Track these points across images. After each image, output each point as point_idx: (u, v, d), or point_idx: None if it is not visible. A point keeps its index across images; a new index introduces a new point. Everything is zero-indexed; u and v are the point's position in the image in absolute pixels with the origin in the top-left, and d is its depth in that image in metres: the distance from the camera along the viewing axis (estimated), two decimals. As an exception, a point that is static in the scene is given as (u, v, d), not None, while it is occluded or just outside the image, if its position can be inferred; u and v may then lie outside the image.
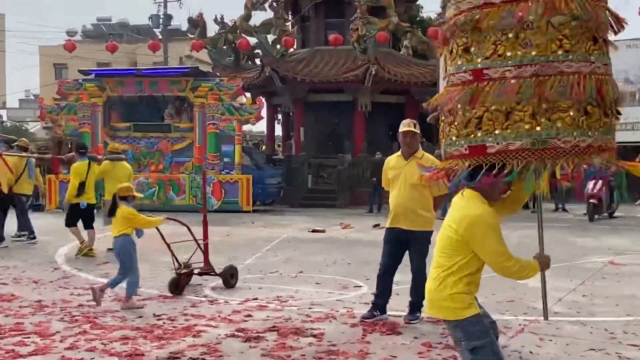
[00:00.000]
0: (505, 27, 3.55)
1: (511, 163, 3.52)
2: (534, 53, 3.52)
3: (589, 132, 3.53)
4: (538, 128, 3.49)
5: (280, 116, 28.13)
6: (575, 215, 17.41)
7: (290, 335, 5.68)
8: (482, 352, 3.49)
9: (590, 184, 15.79)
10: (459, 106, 3.67)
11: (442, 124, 3.93)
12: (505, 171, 3.51)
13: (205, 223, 8.32)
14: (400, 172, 6.20)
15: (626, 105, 16.18)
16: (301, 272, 8.97)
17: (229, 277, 7.90)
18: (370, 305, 6.39)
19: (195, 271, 7.87)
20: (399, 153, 6.36)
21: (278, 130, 30.24)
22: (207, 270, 7.94)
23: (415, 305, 6.24)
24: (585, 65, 3.55)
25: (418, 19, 32.07)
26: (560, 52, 3.52)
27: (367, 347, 5.37)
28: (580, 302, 7.04)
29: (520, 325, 6.08)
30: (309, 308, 6.75)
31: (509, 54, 3.55)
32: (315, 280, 8.35)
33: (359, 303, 6.95)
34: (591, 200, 15.84)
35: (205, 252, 8.03)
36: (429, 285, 3.69)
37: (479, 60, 3.64)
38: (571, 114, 3.50)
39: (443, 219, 3.78)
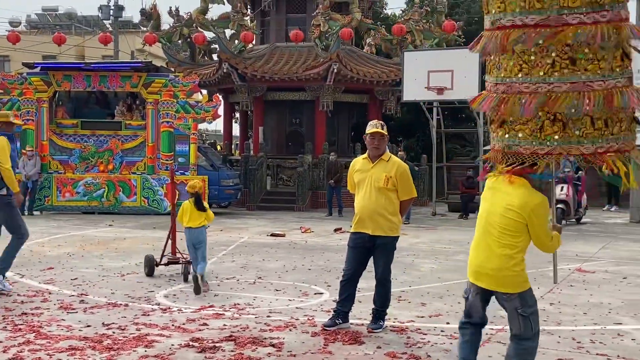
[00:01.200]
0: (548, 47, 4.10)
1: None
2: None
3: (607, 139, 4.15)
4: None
5: (238, 115, 28.02)
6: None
7: (248, 345, 5.63)
8: (534, 317, 4.28)
9: (558, 188, 16.08)
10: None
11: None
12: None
13: (173, 214, 9.00)
14: (366, 176, 6.19)
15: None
16: (259, 278, 8.92)
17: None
18: (333, 312, 6.38)
19: (164, 260, 8.96)
20: (365, 155, 6.36)
21: (236, 129, 30.15)
22: (176, 259, 8.93)
23: (379, 314, 6.27)
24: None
25: (382, 15, 32.33)
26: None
27: (328, 357, 5.35)
28: (548, 310, 7.13)
29: (486, 334, 6.13)
30: (268, 316, 6.70)
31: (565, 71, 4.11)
32: (274, 287, 8.31)
33: (320, 311, 6.94)
34: (559, 206, 16.14)
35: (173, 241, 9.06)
36: (498, 263, 4.27)
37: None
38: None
39: (408, 223, 3.93)
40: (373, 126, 6.25)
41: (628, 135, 4.20)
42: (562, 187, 16.29)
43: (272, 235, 13.95)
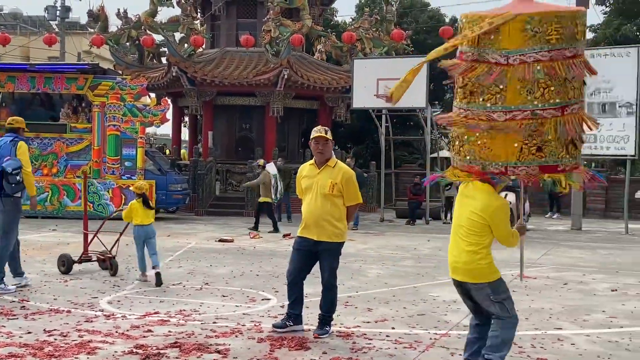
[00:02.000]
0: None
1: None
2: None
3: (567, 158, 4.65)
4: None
5: (187, 119, 27.80)
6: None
7: (193, 351, 5.58)
8: (507, 302, 4.78)
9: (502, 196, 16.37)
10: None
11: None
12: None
13: (86, 217, 9.75)
14: (313, 182, 6.23)
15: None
16: (206, 284, 8.85)
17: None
18: (285, 315, 6.44)
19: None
20: (312, 161, 6.39)
21: (185, 134, 29.89)
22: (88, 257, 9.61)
23: (325, 319, 6.30)
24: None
25: (332, 23, 32.53)
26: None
27: (274, 363, 5.36)
28: (491, 315, 7.26)
29: (431, 339, 6.22)
30: (214, 322, 6.66)
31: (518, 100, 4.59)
32: (221, 293, 8.26)
33: (267, 317, 6.93)
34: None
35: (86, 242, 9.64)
36: (466, 258, 4.80)
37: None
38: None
39: (356, 229, 3.98)
40: (317, 131, 6.29)
41: (567, 157, 4.64)
42: (507, 195, 16.60)
43: (221, 240, 13.87)
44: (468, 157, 4.75)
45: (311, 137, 6.29)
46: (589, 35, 22.37)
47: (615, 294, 8.83)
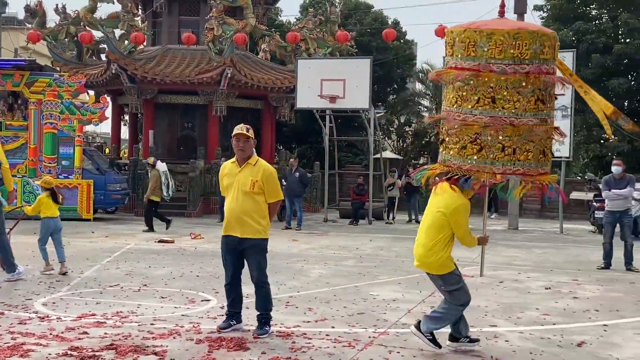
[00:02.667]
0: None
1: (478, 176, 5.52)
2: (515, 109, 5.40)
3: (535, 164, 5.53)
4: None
5: (127, 117, 27.36)
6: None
7: (130, 353, 5.52)
8: (457, 292, 5.67)
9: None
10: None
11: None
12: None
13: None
14: (234, 180, 6.29)
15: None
16: (145, 285, 8.75)
17: None
18: (225, 315, 6.46)
19: None
20: (233, 159, 6.44)
21: (125, 132, 29.42)
22: None
23: (264, 319, 6.33)
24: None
25: (277, 22, 32.50)
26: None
27: (212, 364, 5.34)
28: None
29: (369, 337, 6.30)
30: (152, 324, 6.59)
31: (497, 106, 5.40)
32: (160, 294, 8.18)
33: (207, 318, 6.90)
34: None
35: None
36: (422, 251, 5.67)
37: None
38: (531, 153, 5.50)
39: (300, 229, 4.01)
40: (238, 129, 6.34)
41: (534, 163, 5.46)
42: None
43: (161, 241, 13.73)
44: (447, 156, 5.60)
45: (232, 134, 6.35)
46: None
47: (549, 292, 9.09)
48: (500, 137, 5.31)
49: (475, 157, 5.41)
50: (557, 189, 5.72)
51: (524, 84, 5.26)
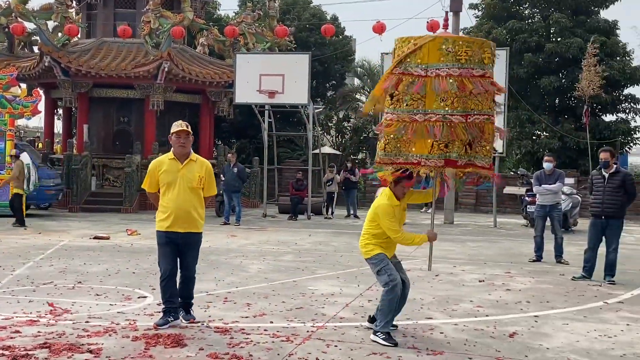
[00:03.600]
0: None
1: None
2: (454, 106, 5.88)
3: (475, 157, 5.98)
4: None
5: (61, 111, 26.71)
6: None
7: (64, 351, 5.43)
8: (382, 272, 6.20)
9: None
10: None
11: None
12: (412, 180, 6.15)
13: None
14: (177, 176, 6.33)
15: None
16: (79, 282, 8.59)
17: None
18: (163, 312, 6.45)
19: None
20: (170, 155, 6.45)
21: (58, 126, 28.71)
22: None
23: (190, 304, 6.60)
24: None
25: (215, 16, 32.21)
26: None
27: (149, 361, 5.30)
28: (366, 306, 7.49)
29: (307, 332, 6.35)
30: (87, 322, 6.49)
31: (434, 105, 5.86)
32: (95, 292, 8.05)
33: (143, 315, 6.84)
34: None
35: None
36: (360, 240, 6.40)
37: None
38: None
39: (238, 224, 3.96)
40: (179, 125, 6.41)
41: (468, 154, 5.89)
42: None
43: (96, 238, 13.47)
44: (394, 152, 5.96)
45: (172, 131, 6.39)
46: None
47: (482, 284, 9.32)
48: (459, 132, 5.76)
49: (440, 152, 5.84)
50: (493, 176, 6.18)
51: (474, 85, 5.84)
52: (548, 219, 11.69)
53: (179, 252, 6.45)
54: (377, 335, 6.04)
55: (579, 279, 9.75)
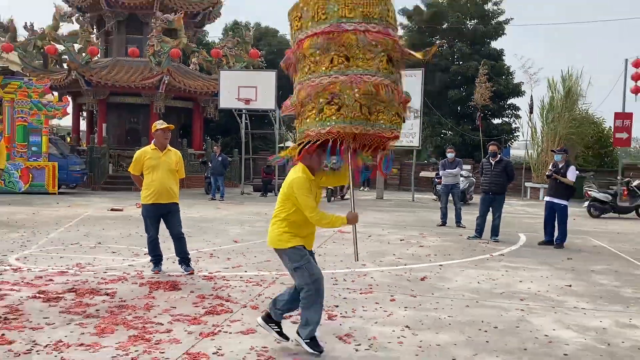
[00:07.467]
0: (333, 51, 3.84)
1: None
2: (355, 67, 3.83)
3: (380, 125, 3.85)
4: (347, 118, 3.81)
5: (84, 113, 26.01)
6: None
7: (87, 294, 5.36)
8: (301, 271, 3.93)
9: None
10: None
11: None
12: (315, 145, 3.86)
13: None
14: (159, 162, 6.36)
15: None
16: (99, 243, 8.46)
17: None
18: (153, 263, 6.54)
19: None
20: (152, 146, 6.46)
21: (83, 125, 27.98)
22: None
23: (186, 260, 6.51)
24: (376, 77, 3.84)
25: (204, 42, 31.67)
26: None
27: (152, 301, 5.25)
28: (317, 260, 7.51)
29: (272, 278, 6.36)
30: (105, 272, 6.41)
31: (335, 68, 3.84)
32: (111, 250, 7.94)
33: (147, 268, 6.75)
34: (329, 187, 16.92)
35: None
36: (270, 226, 4.07)
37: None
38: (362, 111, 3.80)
39: (222, 199, 3.87)
40: (163, 123, 6.42)
41: (387, 124, 3.88)
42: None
43: (112, 210, 13.23)
44: (304, 126, 3.94)
45: (159, 127, 6.37)
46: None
47: (402, 242, 9.42)
48: (357, 96, 3.77)
49: (334, 118, 3.78)
50: (379, 164, 4.13)
51: (374, 43, 3.83)
52: (450, 194, 11.91)
53: (165, 219, 6.43)
54: (306, 345, 3.97)
55: (472, 238, 9.96)
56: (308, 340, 3.97)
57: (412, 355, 4.03)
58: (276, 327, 4.20)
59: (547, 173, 9.70)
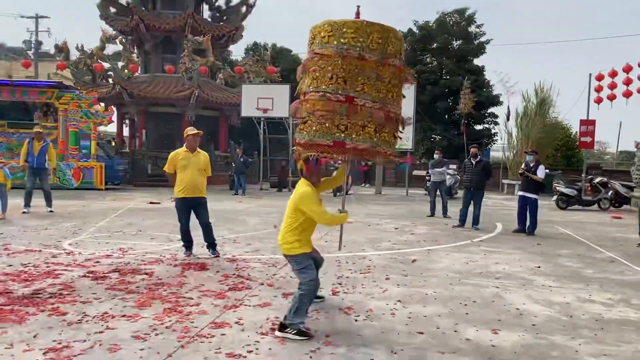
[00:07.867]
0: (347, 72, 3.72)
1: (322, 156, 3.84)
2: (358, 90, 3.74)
3: (380, 143, 3.83)
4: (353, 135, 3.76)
5: (127, 121, 26.13)
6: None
7: (129, 274, 5.43)
8: (302, 272, 3.90)
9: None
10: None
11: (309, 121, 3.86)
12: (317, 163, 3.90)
13: None
14: (190, 162, 6.39)
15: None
16: (140, 231, 8.54)
17: None
18: (185, 248, 6.56)
19: None
20: (184, 149, 6.51)
21: (126, 131, 28.15)
22: None
23: (214, 245, 6.56)
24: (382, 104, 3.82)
25: (229, 60, 31.72)
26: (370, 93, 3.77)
27: (184, 279, 5.31)
28: (323, 245, 7.47)
29: (284, 261, 6.36)
30: (144, 255, 6.48)
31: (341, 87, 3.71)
32: (150, 237, 8.01)
33: (180, 251, 6.81)
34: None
35: None
36: (280, 236, 3.98)
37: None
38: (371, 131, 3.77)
39: (244, 194, 3.87)
40: (194, 129, 6.47)
41: (371, 139, 3.77)
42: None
43: (151, 203, 13.33)
44: (305, 134, 3.82)
45: (190, 133, 6.43)
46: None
47: (397, 230, 9.42)
48: (359, 117, 3.65)
49: (342, 135, 3.66)
50: (363, 165, 4.04)
51: (377, 71, 3.69)
52: (438, 190, 11.89)
53: (195, 211, 6.46)
54: (286, 332, 3.70)
55: (457, 227, 9.95)
56: (295, 331, 3.68)
57: (402, 325, 4.07)
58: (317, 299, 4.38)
59: (520, 171, 9.67)
